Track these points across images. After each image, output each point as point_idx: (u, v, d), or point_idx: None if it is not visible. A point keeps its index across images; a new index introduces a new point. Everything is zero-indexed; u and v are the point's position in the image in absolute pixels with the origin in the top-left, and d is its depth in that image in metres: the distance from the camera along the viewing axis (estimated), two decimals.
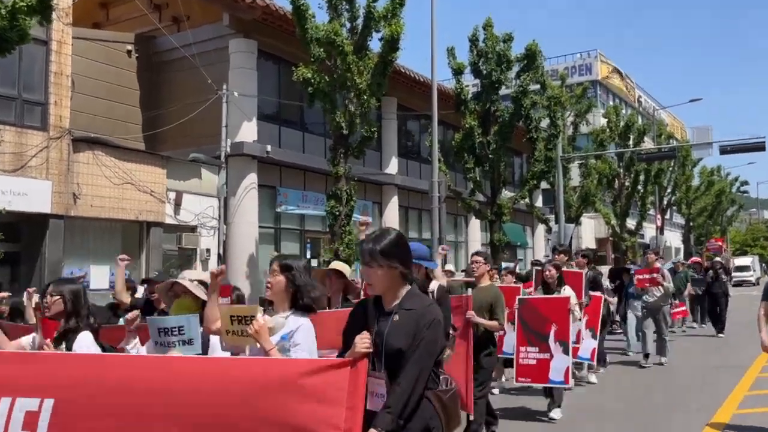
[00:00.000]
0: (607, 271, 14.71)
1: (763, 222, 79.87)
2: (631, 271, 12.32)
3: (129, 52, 17.07)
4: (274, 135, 17.51)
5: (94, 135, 13.81)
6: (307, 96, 14.37)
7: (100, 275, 13.31)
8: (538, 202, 29.43)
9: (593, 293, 9.44)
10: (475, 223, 25.48)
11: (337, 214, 14.18)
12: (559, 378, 7.06)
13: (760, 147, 23.74)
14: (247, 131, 16.28)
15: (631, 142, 29.51)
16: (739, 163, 80.00)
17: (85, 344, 3.75)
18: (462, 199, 20.16)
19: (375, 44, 14.37)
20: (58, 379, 2.82)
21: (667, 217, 42.03)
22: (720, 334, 14.80)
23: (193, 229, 15.28)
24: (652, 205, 34.67)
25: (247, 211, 16.13)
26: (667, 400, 8.23)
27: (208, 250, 15.50)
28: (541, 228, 30.13)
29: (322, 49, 13.73)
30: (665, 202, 38.19)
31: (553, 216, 24.97)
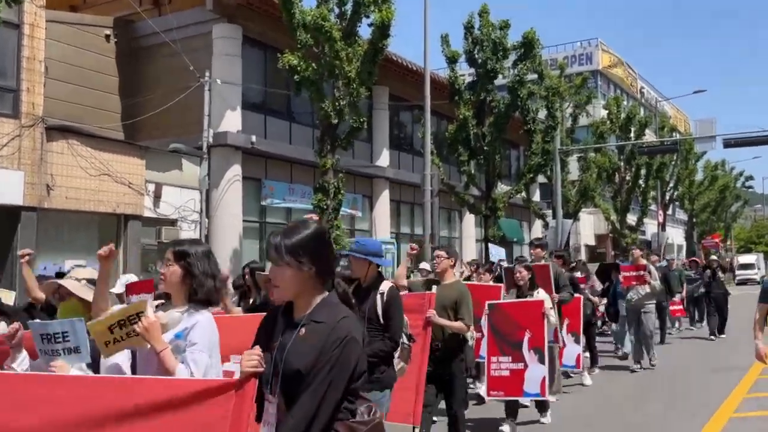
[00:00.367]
0: (595, 269, 14.53)
1: None
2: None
3: (107, 37, 16.91)
4: (259, 125, 17.41)
5: (69, 123, 13.67)
6: (293, 84, 14.28)
7: None
8: (535, 197, 29.43)
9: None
10: (469, 218, 25.47)
11: (325, 207, 14.12)
12: (534, 390, 6.67)
13: (766, 140, 23.79)
14: (231, 121, 16.17)
15: (632, 135, 29.54)
16: (744, 158, 79.94)
17: None
18: (456, 193, 20.13)
19: (365, 30, 14.31)
20: None
21: (669, 212, 42.19)
22: (721, 335, 14.65)
23: (173, 223, 15.17)
24: (654, 200, 34.75)
25: (231, 205, 16.04)
26: (662, 405, 8.22)
27: None
28: (538, 224, 30.13)
29: (309, 35, 13.63)
30: (667, 198, 38.29)
31: (551, 211, 24.96)
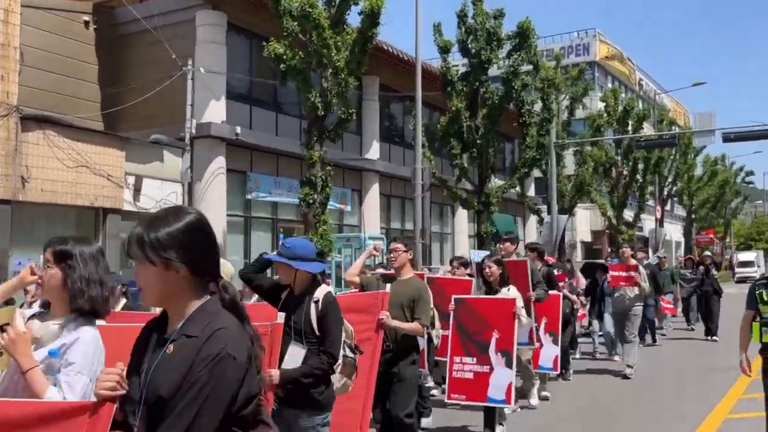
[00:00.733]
0: (580, 267, 14.45)
1: None
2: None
3: (86, 23, 16.81)
4: (244, 116, 17.35)
5: (45, 113, 13.58)
6: (279, 74, 14.24)
7: None
8: (530, 192, 29.52)
9: (550, 292, 8.43)
10: (461, 214, 25.52)
11: (311, 202, 14.10)
12: (499, 396, 6.27)
13: (766, 135, 23.93)
14: (215, 111, 16.11)
15: (630, 128, 29.65)
16: (744, 152, 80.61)
17: None
18: (448, 188, 20.16)
19: (354, 18, 14.29)
20: None
21: (668, 208, 42.40)
22: (713, 338, 14.19)
23: None
24: (652, 195, 34.93)
25: (214, 198, 15.98)
26: (656, 405, 8.27)
27: None
28: (532, 219, 30.25)
29: (296, 23, 13.59)
30: (665, 193, 38.52)
31: (546, 206, 25.04)
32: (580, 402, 8.65)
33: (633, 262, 10.56)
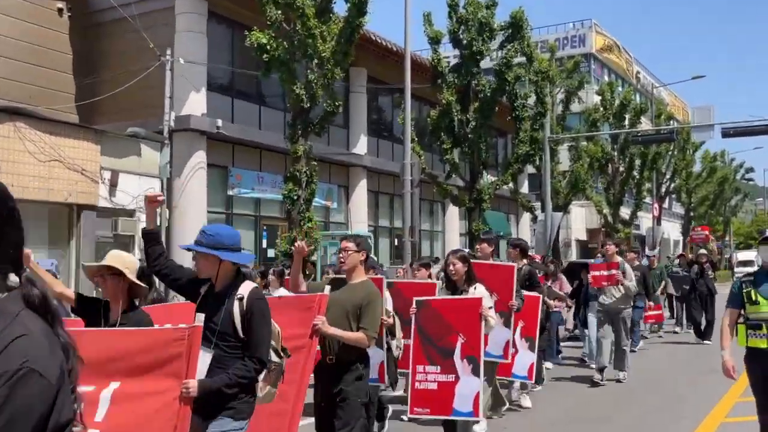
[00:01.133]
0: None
1: None
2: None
3: (60, 11, 16.71)
4: (225, 108, 17.30)
5: (16, 104, 13.53)
6: (262, 64, 14.20)
7: None
8: (523, 188, 29.62)
9: (529, 293, 8.09)
10: (452, 211, 25.57)
11: (296, 198, 14.09)
12: (466, 408, 5.88)
13: (766, 130, 24.12)
14: (195, 103, 16.06)
15: (626, 123, 29.81)
16: (744, 148, 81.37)
17: None
18: (438, 184, 20.18)
19: (340, 7, 14.30)
20: None
21: (665, 206, 42.66)
22: (706, 341, 14.00)
23: (130, 214, 15.03)
24: (649, 192, 35.14)
25: (195, 194, 15.94)
26: (652, 408, 8.32)
27: None
28: (526, 217, 30.34)
29: (279, 12, 13.58)
30: (663, 190, 38.75)
31: (540, 203, 25.14)
32: (574, 403, 8.67)
33: (617, 259, 10.05)
